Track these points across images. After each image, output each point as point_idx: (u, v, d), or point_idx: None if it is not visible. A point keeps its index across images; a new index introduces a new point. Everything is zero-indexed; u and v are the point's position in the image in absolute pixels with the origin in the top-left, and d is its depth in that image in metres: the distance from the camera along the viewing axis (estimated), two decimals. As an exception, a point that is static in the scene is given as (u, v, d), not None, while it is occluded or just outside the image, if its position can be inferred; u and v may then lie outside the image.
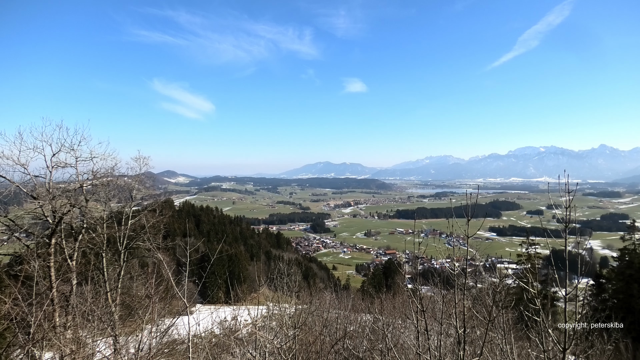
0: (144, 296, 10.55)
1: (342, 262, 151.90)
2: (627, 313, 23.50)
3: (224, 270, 45.57)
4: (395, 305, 15.12)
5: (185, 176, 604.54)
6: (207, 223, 71.63)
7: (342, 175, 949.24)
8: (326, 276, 73.64)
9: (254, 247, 73.27)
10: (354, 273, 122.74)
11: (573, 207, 4.25)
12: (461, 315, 4.48)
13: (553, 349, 4.34)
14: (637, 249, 27.36)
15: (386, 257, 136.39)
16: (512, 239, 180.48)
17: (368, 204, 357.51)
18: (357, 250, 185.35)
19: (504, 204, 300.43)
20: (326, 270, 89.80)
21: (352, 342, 9.70)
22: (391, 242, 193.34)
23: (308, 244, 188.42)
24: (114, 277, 15.69)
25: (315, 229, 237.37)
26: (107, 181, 15.85)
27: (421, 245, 5.26)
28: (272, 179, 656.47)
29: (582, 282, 4.36)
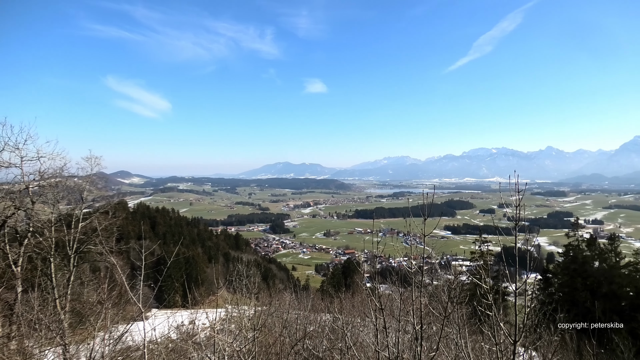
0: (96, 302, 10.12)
1: (302, 263, 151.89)
2: (572, 305, 24.85)
3: (181, 273, 44.45)
4: (355, 304, 15.28)
5: (140, 177, 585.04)
6: (163, 225, 69.64)
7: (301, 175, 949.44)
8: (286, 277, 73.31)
9: (212, 249, 71.96)
10: (313, 273, 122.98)
11: (522, 206, 4.43)
12: (418, 312, 4.58)
13: (504, 341, 4.51)
14: (581, 245, 28.99)
15: (345, 256, 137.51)
16: (466, 237, 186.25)
17: (327, 204, 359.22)
18: (316, 250, 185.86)
19: (459, 204, 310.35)
20: (286, 271, 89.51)
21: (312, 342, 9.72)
22: (350, 241, 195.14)
23: (267, 245, 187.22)
24: (63, 283, 14.94)
25: (274, 229, 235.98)
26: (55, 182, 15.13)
27: (379, 245, 5.35)
28: (231, 180, 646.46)
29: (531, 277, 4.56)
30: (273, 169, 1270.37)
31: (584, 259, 27.98)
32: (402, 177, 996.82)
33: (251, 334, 7.40)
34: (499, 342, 4.48)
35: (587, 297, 26.32)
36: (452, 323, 5.55)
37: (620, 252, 28.53)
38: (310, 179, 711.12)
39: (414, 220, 4.84)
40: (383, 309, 4.80)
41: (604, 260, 27.69)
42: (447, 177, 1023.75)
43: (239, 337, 7.77)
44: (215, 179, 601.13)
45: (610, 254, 27.96)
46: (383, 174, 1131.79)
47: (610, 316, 23.59)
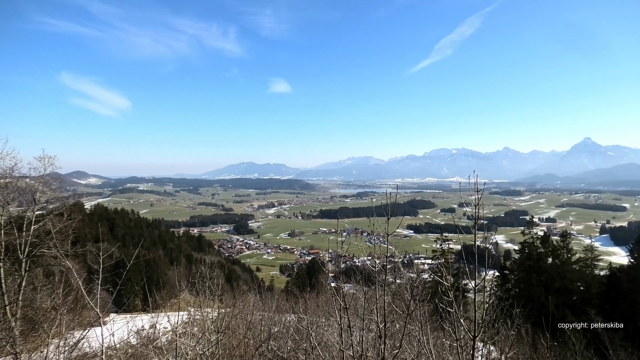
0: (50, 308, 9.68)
1: (266, 263, 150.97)
2: (527, 300, 25.82)
3: (142, 276, 43.14)
4: (319, 304, 15.32)
5: (97, 177, 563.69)
6: (122, 227, 67.42)
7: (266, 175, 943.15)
8: (250, 278, 72.73)
9: (173, 250, 70.32)
10: (278, 274, 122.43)
11: (481, 205, 4.57)
12: (382, 311, 4.64)
13: (464, 337, 4.63)
14: (535, 242, 30.18)
15: (310, 256, 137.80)
16: (428, 236, 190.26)
17: (292, 204, 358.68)
18: (281, 250, 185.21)
19: (421, 203, 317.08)
20: (250, 272, 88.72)
21: (276, 343, 9.67)
22: (315, 241, 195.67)
23: (231, 246, 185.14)
24: (14, 288, 14.22)
25: (238, 230, 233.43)
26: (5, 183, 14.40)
27: (344, 244, 5.38)
28: (194, 180, 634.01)
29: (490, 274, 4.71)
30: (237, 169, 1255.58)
31: (539, 255, 29.18)
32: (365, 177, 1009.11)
33: (214, 336, 7.28)
34: (459, 337, 4.59)
35: (541, 292, 27.45)
36: (414, 320, 5.65)
37: (572, 249, 29.96)
38: (274, 179, 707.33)
39: (378, 219, 4.90)
40: (347, 308, 4.84)
41: (556, 256, 28.98)
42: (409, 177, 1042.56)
43: (202, 340, 7.62)
44: (177, 180, 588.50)
45: (562, 251, 29.28)
46: (347, 174, 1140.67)
47: (562, 310, 24.72)
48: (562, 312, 24.04)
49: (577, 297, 27.92)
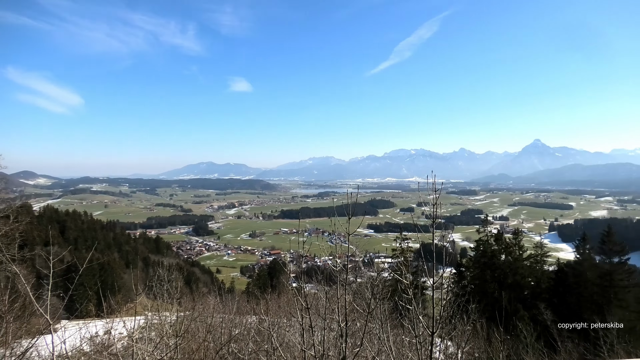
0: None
1: (227, 265, 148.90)
2: (482, 296, 26.73)
3: (96, 281, 41.52)
4: (281, 305, 15.26)
5: (46, 177, 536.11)
6: (74, 229, 64.55)
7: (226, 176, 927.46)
8: (210, 280, 71.44)
9: (130, 253, 68.08)
10: (238, 275, 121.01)
11: (439, 205, 4.68)
12: (343, 310, 4.67)
13: (423, 333, 4.73)
14: (490, 240, 31.31)
15: (271, 257, 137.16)
16: (388, 235, 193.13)
17: (253, 204, 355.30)
18: (241, 251, 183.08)
19: (381, 203, 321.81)
20: (210, 274, 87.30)
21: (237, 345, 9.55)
22: (276, 242, 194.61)
23: (190, 248, 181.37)
24: (-46, 296, 13.32)
25: (198, 231, 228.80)
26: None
27: (305, 244, 5.39)
28: (151, 180, 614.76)
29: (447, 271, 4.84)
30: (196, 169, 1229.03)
31: (493, 252, 30.30)
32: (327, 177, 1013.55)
33: (173, 340, 7.11)
34: (418, 334, 4.69)
35: (495, 287, 28.53)
36: (375, 318, 5.72)
37: (523, 246, 31.30)
38: (235, 180, 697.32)
39: (339, 219, 4.93)
40: (309, 308, 4.85)
41: (509, 253, 30.18)
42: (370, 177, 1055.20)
43: (160, 345, 7.41)
44: (133, 180, 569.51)
45: (514, 248, 30.53)
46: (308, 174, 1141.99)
47: (515, 304, 25.77)
48: (515, 307, 25.07)
49: (528, 292, 29.21)
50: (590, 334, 15.15)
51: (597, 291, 26.05)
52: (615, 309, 23.29)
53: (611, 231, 27.61)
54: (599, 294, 25.83)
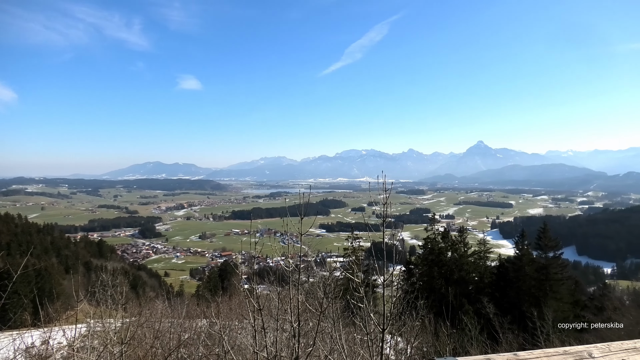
0: None
1: (175, 268, 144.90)
2: (430, 292, 27.61)
3: (31, 288, 38.92)
4: (232, 307, 15.03)
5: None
6: (6, 233, 60.23)
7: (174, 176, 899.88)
8: (158, 284, 69.09)
9: (69, 258, 64.47)
10: (188, 278, 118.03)
11: (389, 204, 4.77)
12: (295, 310, 4.66)
13: (374, 330, 4.81)
14: (437, 237, 32.40)
15: (222, 259, 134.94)
16: (340, 235, 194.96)
17: (203, 205, 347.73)
18: (191, 254, 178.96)
19: (333, 202, 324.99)
20: (158, 277, 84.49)
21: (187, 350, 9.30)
22: (227, 243, 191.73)
23: (136, 251, 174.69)
24: None
25: (144, 234, 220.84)
26: None
27: (257, 245, 5.33)
28: (93, 181, 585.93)
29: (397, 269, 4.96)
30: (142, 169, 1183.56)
31: (440, 250, 31.38)
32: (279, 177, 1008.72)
33: (118, 348, 6.81)
34: (369, 331, 4.76)
35: (442, 283, 29.55)
36: (327, 318, 5.76)
37: (468, 243, 32.66)
38: (184, 180, 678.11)
39: (291, 219, 4.92)
40: (261, 310, 4.80)
41: (455, 250, 31.38)
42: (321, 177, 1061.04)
43: (104, 354, 7.08)
44: (73, 180, 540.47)
45: (460, 245, 31.79)
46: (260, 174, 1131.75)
47: (460, 299, 26.82)
48: (460, 301, 26.09)
49: (472, 287, 30.50)
50: (529, 324, 16.01)
51: (534, 284, 27.66)
52: (551, 300, 24.83)
53: (546, 228, 29.44)
54: (536, 287, 27.44)
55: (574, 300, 28.55)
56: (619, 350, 1.54)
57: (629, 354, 1.53)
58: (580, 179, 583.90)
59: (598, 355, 1.51)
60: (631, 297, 26.22)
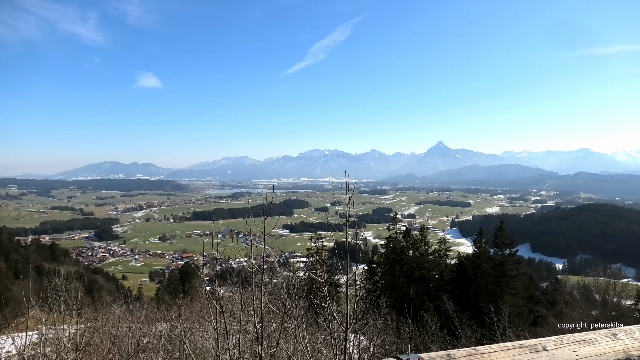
0: None
1: (134, 271, 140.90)
2: (392, 290, 28.06)
3: (-23, 295, 36.96)
4: (193, 310, 14.74)
5: None
6: (-51, 237, 56.74)
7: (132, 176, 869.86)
8: (115, 287, 66.77)
9: (19, 262, 61.22)
10: (147, 281, 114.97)
11: (352, 204, 4.81)
12: (259, 311, 4.62)
13: (338, 329, 4.83)
14: (399, 236, 32.96)
15: (183, 260, 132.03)
16: (303, 235, 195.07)
17: (163, 206, 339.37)
18: (150, 256, 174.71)
19: (296, 203, 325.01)
20: (115, 281, 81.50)
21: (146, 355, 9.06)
22: (188, 245, 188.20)
23: (92, 254, 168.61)
24: None
25: (100, 236, 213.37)
26: None
27: (219, 246, 5.24)
28: (45, 181, 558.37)
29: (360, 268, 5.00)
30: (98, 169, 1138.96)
31: (401, 249, 31.94)
32: (241, 177, 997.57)
33: (72, 355, 6.53)
34: (333, 331, 4.78)
35: (404, 282, 30.10)
36: (291, 318, 5.74)
37: (429, 242, 33.41)
38: (143, 180, 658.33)
39: (254, 220, 4.87)
40: (224, 312, 4.72)
41: (416, 249, 32.03)
42: (285, 177, 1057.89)
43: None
44: (23, 181, 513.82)
45: (421, 244, 32.47)
46: (222, 175, 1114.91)
47: (422, 297, 27.38)
48: (422, 299, 26.62)
49: (433, 285, 31.21)
50: (486, 320, 16.55)
51: (491, 281, 28.66)
52: (507, 296, 25.78)
53: (502, 226, 30.58)
54: (493, 284, 28.44)
55: (528, 295, 29.80)
56: (570, 343, 1.61)
57: (579, 346, 1.60)
58: (534, 178, 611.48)
59: (551, 347, 1.58)
60: (581, 292, 27.57)
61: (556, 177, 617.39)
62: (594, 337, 1.66)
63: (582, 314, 19.19)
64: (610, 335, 1.69)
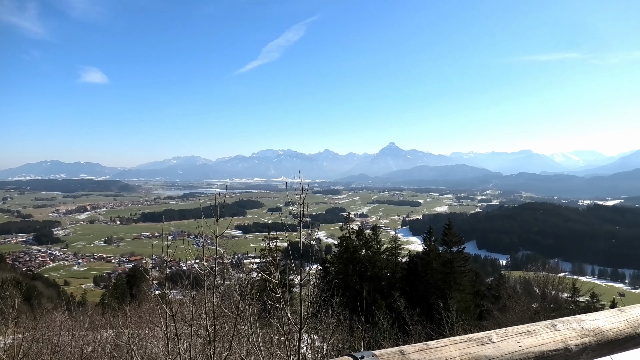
0: None
1: (77, 276, 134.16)
2: (345, 289, 28.35)
3: None
4: (142, 315, 14.24)
5: None
6: None
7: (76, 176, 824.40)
8: (56, 294, 63.38)
9: (-52, 269, 56.91)
10: (92, 286, 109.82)
11: (306, 204, 4.82)
12: (211, 314, 4.53)
13: (291, 330, 4.83)
14: (351, 236, 33.37)
15: (131, 264, 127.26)
16: (256, 235, 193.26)
17: (109, 207, 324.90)
18: (95, 260, 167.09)
19: (249, 203, 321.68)
20: (56, 287, 77.26)
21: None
22: (136, 247, 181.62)
23: (30, 259, 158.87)
24: None
25: (40, 240, 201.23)
26: None
27: (169, 249, 5.09)
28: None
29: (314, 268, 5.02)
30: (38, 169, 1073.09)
31: (354, 248, 32.38)
32: (192, 177, 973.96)
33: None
34: (286, 331, 4.77)
35: (357, 280, 30.51)
36: (244, 320, 5.67)
37: (381, 240, 34.08)
38: (87, 180, 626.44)
39: (206, 221, 4.77)
40: (174, 316, 4.59)
41: (369, 248, 32.59)
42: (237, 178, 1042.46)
43: (-9, 375, 6.34)
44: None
45: (373, 243, 33.07)
46: (172, 175, 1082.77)
47: (374, 295, 27.88)
48: (374, 297, 27.11)
49: (385, 283, 31.86)
50: (436, 316, 17.10)
51: (440, 277, 29.66)
52: (455, 292, 26.78)
53: (451, 225, 31.75)
54: (442, 280, 29.44)
55: (474, 290, 31.09)
56: (514, 334, 1.69)
57: (522, 337, 1.69)
58: (480, 178, 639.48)
59: (497, 340, 1.65)
60: (522, 286, 29.05)
61: (500, 177, 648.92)
62: (536, 329, 1.76)
63: (523, 307, 20.24)
64: (550, 327, 1.80)
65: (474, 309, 27.35)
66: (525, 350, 1.63)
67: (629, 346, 1.99)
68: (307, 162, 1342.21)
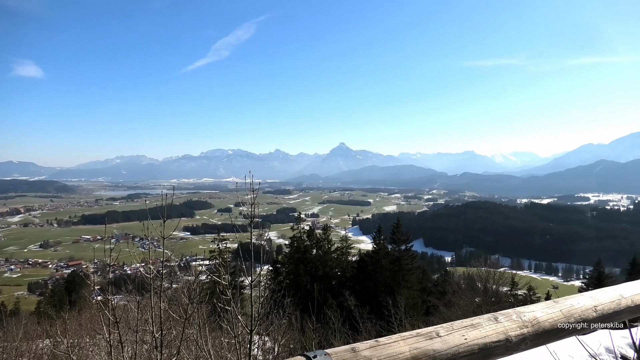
0: None
1: (9, 283, 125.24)
2: (297, 289, 28.34)
3: None
4: (82, 322, 13.55)
5: None
6: None
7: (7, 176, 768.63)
8: (-15, 303, 59.03)
9: None
10: (26, 294, 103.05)
11: (256, 204, 4.78)
12: (157, 319, 4.38)
13: (242, 332, 4.77)
14: (303, 236, 33.45)
15: (70, 269, 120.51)
16: (205, 237, 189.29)
17: (45, 209, 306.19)
18: (29, 265, 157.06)
19: (198, 204, 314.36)
20: (-15, 296, 72.16)
21: (25, 376, 8.12)
22: (76, 251, 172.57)
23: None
24: None
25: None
26: None
27: (113, 252, 4.87)
28: None
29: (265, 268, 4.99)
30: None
31: (305, 248, 32.47)
32: (137, 177, 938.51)
33: None
34: (237, 334, 4.70)
35: (308, 280, 30.61)
36: (193, 324, 5.54)
37: (331, 240, 34.41)
38: (20, 181, 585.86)
39: (152, 222, 4.61)
40: (118, 322, 4.39)
41: (320, 247, 32.80)
42: (185, 178, 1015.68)
43: None
44: None
45: (324, 242, 33.32)
46: (116, 175, 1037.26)
47: (325, 294, 28.07)
48: (325, 296, 27.30)
49: (335, 282, 32.19)
50: (385, 313, 17.47)
51: (389, 275, 30.37)
52: (403, 289, 27.50)
53: (399, 223, 32.63)
54: (391, 278, 30.16)
55: (422, 287, 32.09)
56: (460, 328, 1.77)
57: (467, 330, 1.77)
58: (427, 178, 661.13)
59: (444, 333, 1.71)
60: (466, 281, 30.23)
61: (445, 177, 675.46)
62: (479, 322, 1.84)
63: (467, 302, 21.12)
64: (492, 319, 1.89)
65: (421, 305, 28.20)
66: (470, 343, 1.71)
67: (563, 335, 2.13)
68: (257, 162, 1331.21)
